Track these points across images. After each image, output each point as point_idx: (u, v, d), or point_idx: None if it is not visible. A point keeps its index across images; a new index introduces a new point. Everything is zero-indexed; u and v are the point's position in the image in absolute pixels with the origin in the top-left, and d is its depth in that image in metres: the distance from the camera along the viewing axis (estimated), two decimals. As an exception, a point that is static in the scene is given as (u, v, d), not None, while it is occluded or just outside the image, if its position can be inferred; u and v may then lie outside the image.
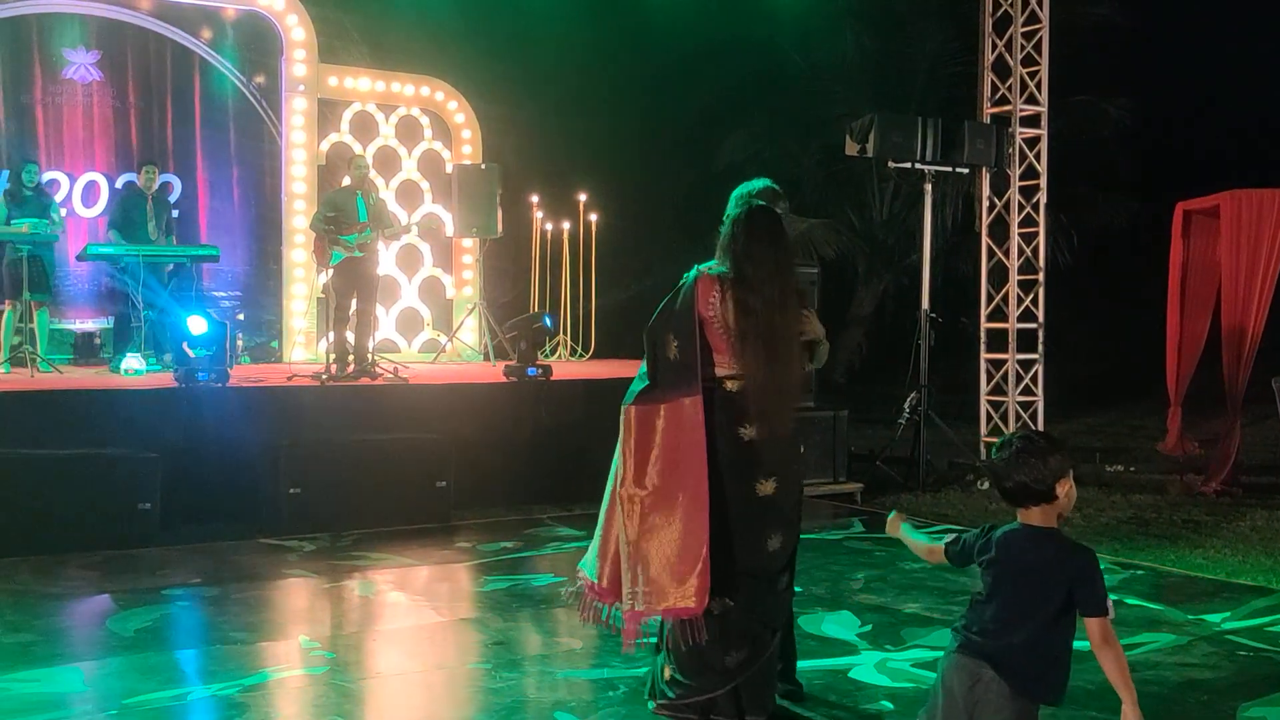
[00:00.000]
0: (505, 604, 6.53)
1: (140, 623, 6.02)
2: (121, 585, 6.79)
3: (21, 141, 11.26)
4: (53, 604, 6.40)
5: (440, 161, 13.32)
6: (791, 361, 4.45)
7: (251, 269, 12.35)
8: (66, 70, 11.40)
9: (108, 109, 11.64)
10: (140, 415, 8.56)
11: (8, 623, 5.96)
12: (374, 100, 12.96)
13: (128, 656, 5.47)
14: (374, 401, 9.48)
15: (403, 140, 13.16)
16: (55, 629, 5.91)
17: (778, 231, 4.56)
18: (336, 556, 7.63)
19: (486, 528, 8.58)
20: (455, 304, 13.38)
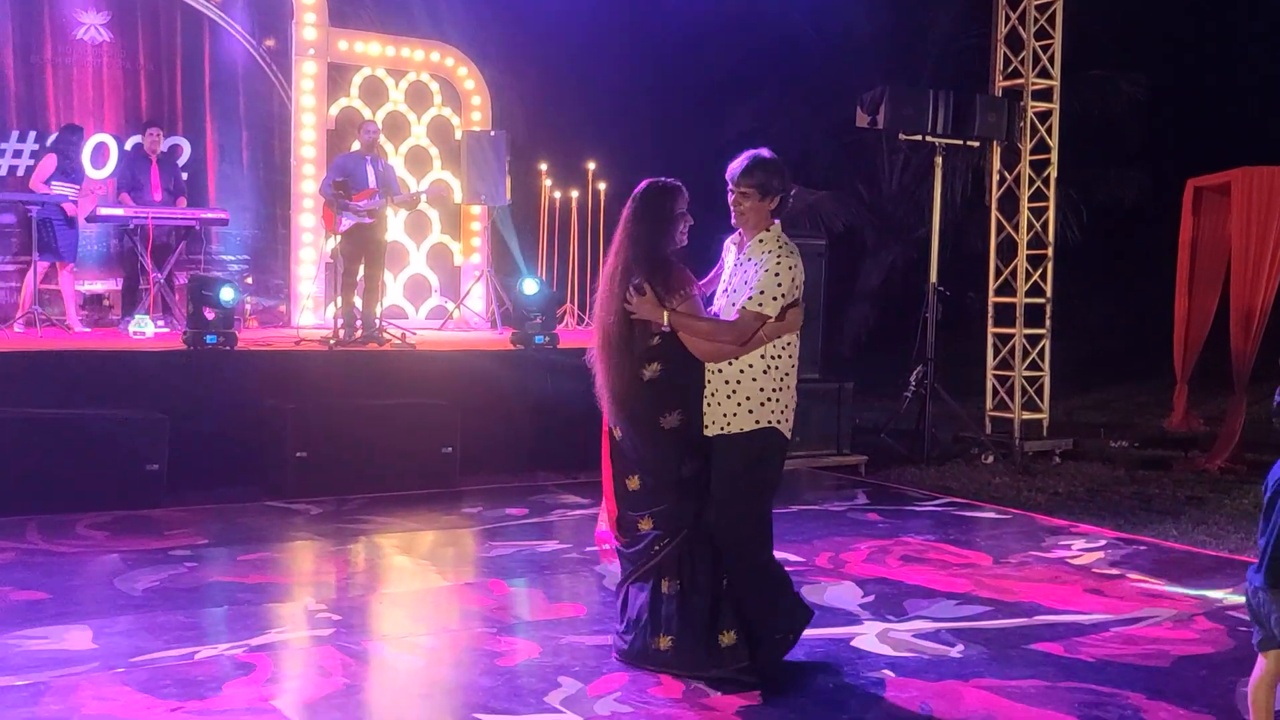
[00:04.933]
0: (510, 569, 6.58)
1: (148, 582, 6.07)
2: (129, 545, 6.84)
3: (31, 103, 11.23)
4: (62, 563, 6.44)
5: (449, 128, 13.29)
6: (608, 354, 4.78)
7: (260, 233, 12.34)
8: (76, 31, 11.35)
9: (117, 71, 11.59)
10: (148, 377, 8.60)
11: (17, 580, 6.01)
12: (384, 65, 12.91)
13: (136, 615, 5.52)
14: (381, 367, 9.51)
15: (412, 106, 13.13)
16: (64, 587, 5.95)
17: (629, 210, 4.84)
18: (343, 520, 7.68)
19: (492, 494, 8.62)
20: (463, 271, 13.38)
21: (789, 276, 4.66)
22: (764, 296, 4.64)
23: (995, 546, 7.39)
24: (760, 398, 4.69)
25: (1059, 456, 10.94)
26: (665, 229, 4.77)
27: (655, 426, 4.75)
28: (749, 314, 4.64)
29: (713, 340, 4.69)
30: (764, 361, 4.70)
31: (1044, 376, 11.53)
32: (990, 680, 4.88)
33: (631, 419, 4.79)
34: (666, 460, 4.77)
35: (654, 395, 4.75)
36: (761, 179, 4.74)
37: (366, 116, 12.36)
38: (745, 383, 4.70)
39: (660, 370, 4.75)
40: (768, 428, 4.71)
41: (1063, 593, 6.27)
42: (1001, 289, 11.61)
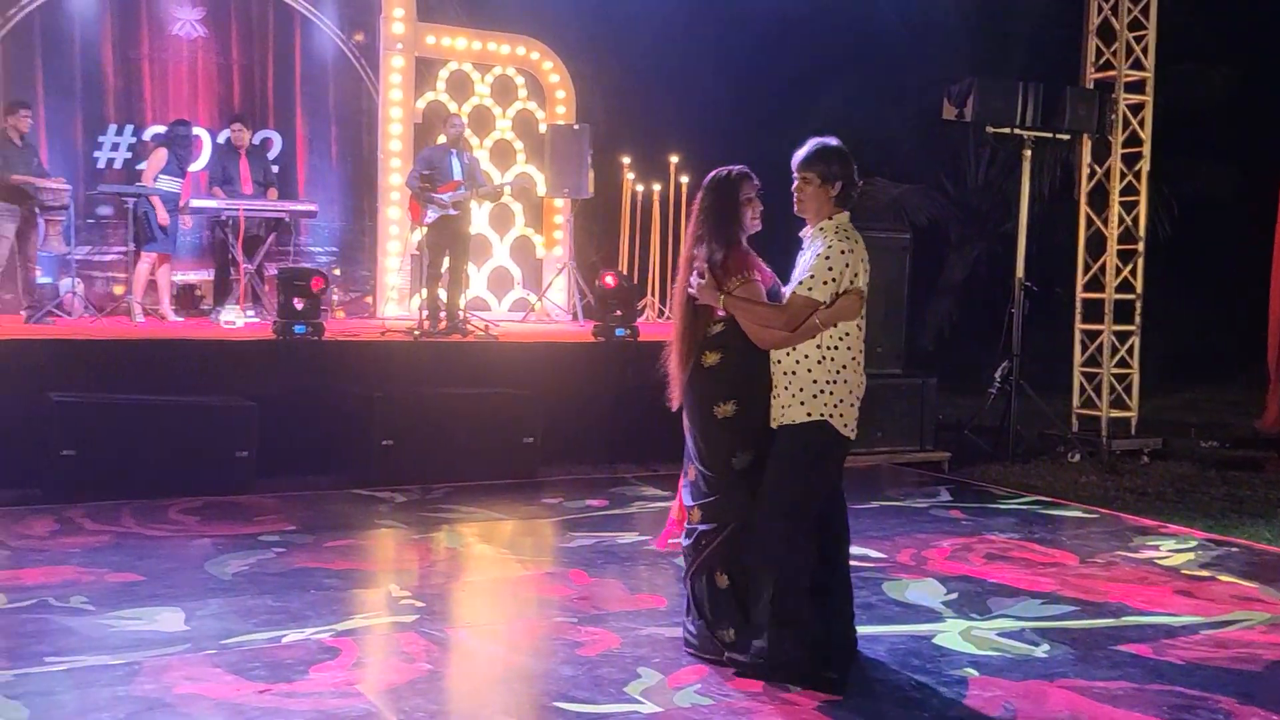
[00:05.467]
0: (590, 560, 6.61)
1: (237, 567, 6.21)
2: (220, 530, 7.00)
3: (129, 98, 11.53)
4: (155, 546, 6.61)
5: (534, 121, 13.38)
6: (674, 339, 4.85)
7: (348, 225, 12.54)
8: (173, 27, 11.63)
9: (211, 65, 11.86)
10: (239, 366, 8.79)
11: (113, 563, 6.18)
12: (470, 59, 13.03)
13: (225, 598, 5.65)
14: (464, 357, 9.61)
15: (498, 100, 13.23)
16: (157, 570, 6.10)
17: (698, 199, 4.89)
18: (426, 508, 7.79)
19: (572, 484, 8.68)
20: (545, 263, 13.47)
21: (842, 262, 4.60)
22: (814, 281, 4.60)
23: (1081, 546, 7.28)
24: (813, 389, 4.62)
25: (1147, 456, 10.73)
26: (730, 214, 4.76)
27: (709, 416, 4.74)
28: (798, 299, 4.61)
29: (764, 325, 4.66)
30: (819, 352, 4.63)
31: (1133, 374, 11.32)
32: (1076, 681, 4.81)
33: (689, 406, 4.82)
34: (718, 451, 4.76)
35: (711, 383, 4.75)
36: (821, 166, 4.70)
37: (452, 110, 12.51)
38: (800, 373, 4.64)
39: (720, 359, 4.75)
40: (820, 421, 4.63)
41: (1151, 594, 6.16)
42: (1090, 284, 11.41)
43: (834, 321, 4.62)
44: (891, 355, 10.01)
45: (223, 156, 11.19)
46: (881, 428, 9.76)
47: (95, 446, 7.65)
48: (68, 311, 10.26)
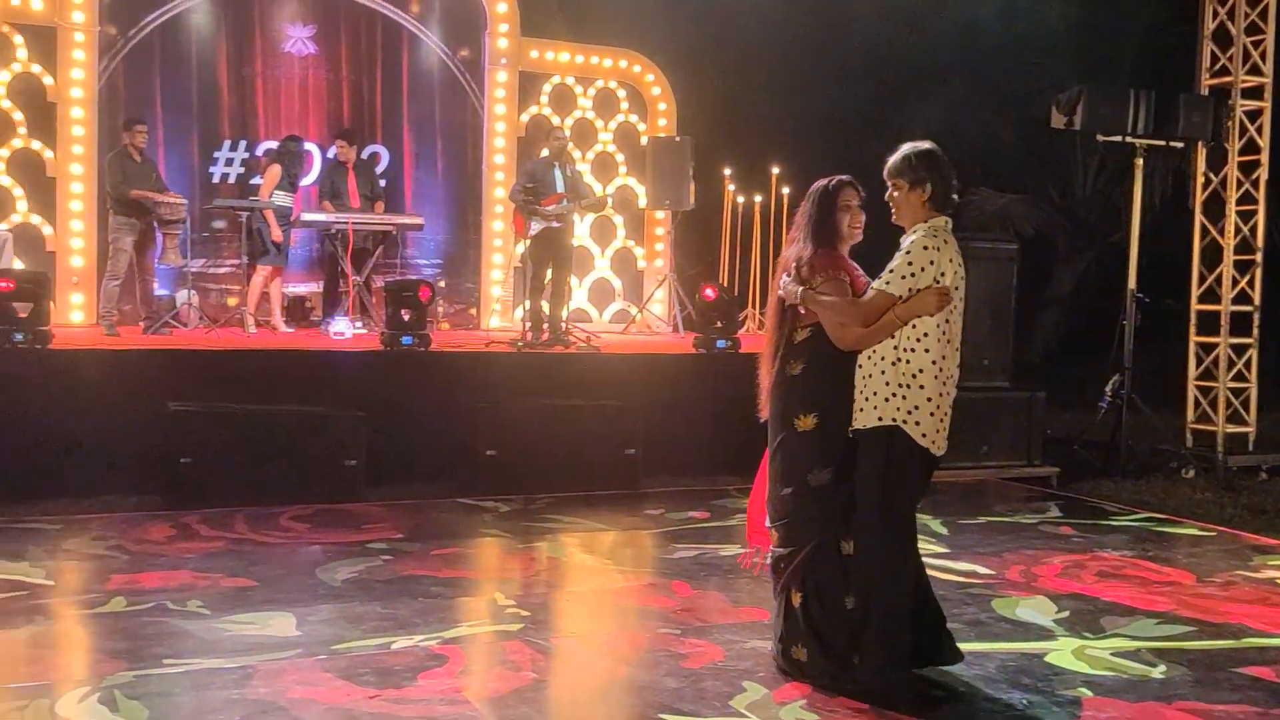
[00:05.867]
0: (693, 572, 6.61)
1: (347, 573, 6.32)
2: (330, 537, 7.14)
3: (242, 113, 11.85)
4: (267, 553, 6.76)
5: (635, 134, 13.45)
6: (764, 346, 4.88)
7: (452, 238, 12.72)
8: (285, 44, 11.93)
9: (321, 81, 12.14)
10: (348, 376, 8.96)
11: (227, 569, 6.33)
12: (573, 73, 13.14)
13: (336, 605, 5.75)
14: (567, 369, 9.68)
15: (600, 113, 13.33)
16: (270, 576, 6.24)
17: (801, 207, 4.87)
18: (530, 518, 7.85)
19: (674, 496, 8.68)
20: (646, 275, 13.51)
21: (925, 258, 4.50)
22: (892, 275, 4.52)
23: (1198, 564, 7.07)
24: (886, 392, 4.51)
25: (1266, 472, 10.39)
26: (826, 220, 4.72)
27: (790, 427, 4.69)
28: (874, 292, 4.54)
29: (840, 319, 4.58)
30: (895, 353, 4.52)
31: (1250, 388, 10.98)
32: (1195, 704, 4.67)
33: (772, 416, 4.77)
34: (794, 466, 4.70)
35: (794, 393, 4.69)
36: (907, 171, 4.63)
37: (555, 123, 12.63)
38: (874, 375, 4.54)
39: (804, 367, 4.69)
40: (891, 426, 4.50)
41: (1273, 615, 5.96)
42: (1205, 296, 11.10)
43: (910, 317, 4.48)
44: (998, 368, 9.85)
45: (331, 171, 11.43)
46: (988, 442, 9.61)
47: (211, 454, 7.86)
48: (184, 323, 10.57)
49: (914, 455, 4.53)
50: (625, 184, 13.39)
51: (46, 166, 11.05)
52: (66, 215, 11.03)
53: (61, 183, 11.03)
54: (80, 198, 11.02)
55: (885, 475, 4.53)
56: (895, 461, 4.53)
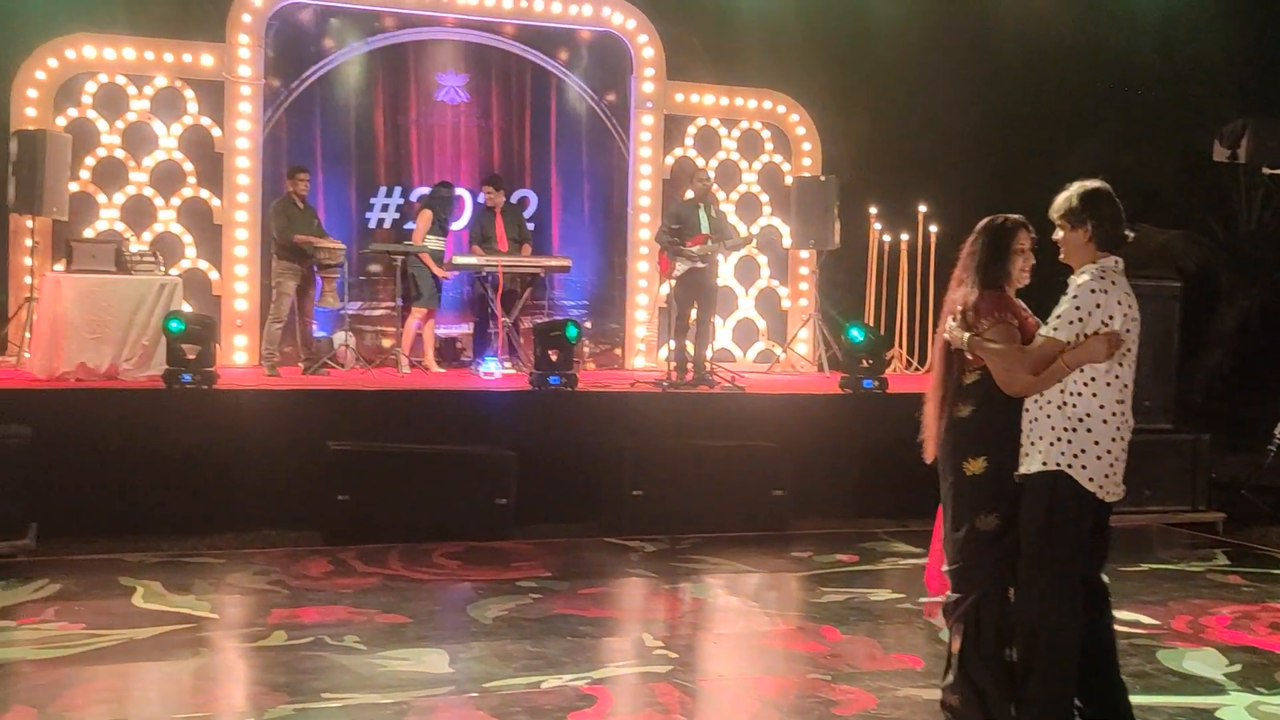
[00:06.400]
0: (842, 616, 6.51)
1: (497, 611, 6.40)
2: (480, 575, 7.25)
3: (398, 160, 12.23)
4: (420, 589, 6.89)
5: (780, 174, 13.45)
6: (931, 389, 4.74)
7: (598, 279, 12.87)
8: (438, 93, 12.29)
9: (473, 128, 12.46)
10: (498, 416, 9.11)
11: (382, 604, 6.48)
12: (718, 115, 13.23)
13: (487, 642, 5.83)
14: (712, 409, 9.67)
15: (744, 153, 13.37)
16: (423, 613, 6.36)
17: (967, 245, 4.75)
18: (676, 559, 7.85)
19: (822, 538, 8.58)
20: (790, 315, 13.46)
21: (1091, 302, 4.36)
22: (1059, 321, 4.38)
23: (1380, 618, 6.69)
24: (1051, 436, 4.37)
25: None
26: (997, 262, 4.61)
27: (959, 472, 4.58)
28: (1042, 339, 4.41)
29: (1008, 366, 4.45)
30: (1061, 396, 4.38)
31: None
32: (1381, 768, 4.41)
33: (941, 461, 4.67)
34: (964, 510, 4.58)
35: (963, 437, 4.58)
36: (1068, 211, 4.51)
37: (700, 165, 12.71)
38: (1040, 419, 4.41)
39: (973, 411, 4.57)
40: (1055, 471, 4.35)
41: None
42: (1383, 334, 10.55)
43: (1079, 364, 4.35)
44: (1160, 409, 9.49)
45: (480, 216, 11.70)
46: (1150, 486, 9.26)
47: (367, 492, 8.06)
48: (341, 363, 10.91)
49: (1080, 502, 4.38)
50: (770, 224, 13.39)
51: (213, 214, 11.57)
52: (231, 261, 11.51)
53: (227, 230, 11.53)
54: (245, 244, 11.50)
55: (1048, 523, 4.38)
56: (1059, 509, 4.38)
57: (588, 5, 12.50)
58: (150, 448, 8.12)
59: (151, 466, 8.05)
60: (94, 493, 7.91)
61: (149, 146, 11.46)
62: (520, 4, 12.25)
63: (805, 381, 11.59)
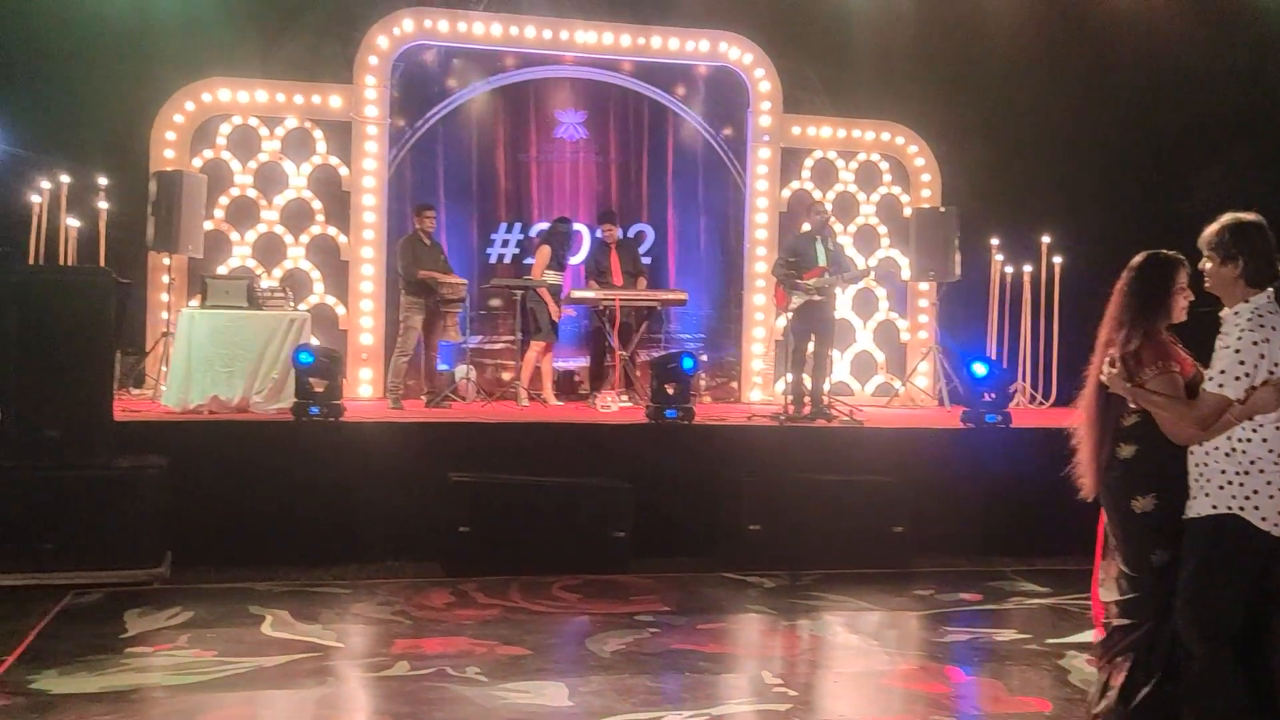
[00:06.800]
0: (965, 656, 6.39)
1: (616, 645, 6.41)
2: (598, 608, 7.27)
3: (518, 197, 12.44)
4: (540, 622, 6.94)
5: (898, 205, 13.34)
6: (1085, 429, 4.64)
7: (714, 312, 12.89)
8: (557, 130, 12.49)
9: (591, 164, 12.62)
10: (615, 449, 9.16)
11: (502, 636, 6.54)
12: (835, 147, 13.19)
13: (605, 676, 5.84)
14: (830, 443, 9.59)
15: (862, 185, 13.30)
16: (542, 645, 6.40)
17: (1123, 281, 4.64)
18: (795, 594, 7.77)
19: (943, 576, 8.43)
20: (909, 348, 13.30)
21: (1255, 354, 4.21)
22: (1224, 377, 4.24)
23: None
24: (1220, 480, 4.25)
25: None
26: (1156, 302, 4.49)
27: (1127, 511, 4.47)
28: (1209, 397, 4.25)
29: (1175, 419, 4.34)
30: (1228, 444, 4.25)
31: None
32: None
33: (1105, 500, 4.57)
34: (1136, 548, 4.47)
35: (1128, 477, 4.48)
36: (1218, 244, 4.37)
37: (817, 197, 12.68)
38: (1209, 465, 4.29)
39: (1136, 450, 4.46)
40: (1226, 514, 4.22)
41: None
42: None
43: (1250, 416, 4.23)
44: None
45: (596, 250, 11.84)
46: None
47: (487, 524, 8.16)
48: (462, 396, 11.10)
49: (1249, 544, 4.25)
50: (888, 256, 13.28)
51: (340, 250, 11.89)
52: (357, 296, 11.81)
53: (353, 266, 11.84)
54: (370, 279, 11.79)
55: (1209, 568, 4.27)
56: (1223, 554, 4.28)
57: (705, 41, 12.59)
58: (279, 479, 8.36)
59: (280, 497, 8.28)
60: (225, 522, 8.14)
61: (279, 186, 11.85)
62: (638, 41, 12.40)
63: (925, 416, 11.43)
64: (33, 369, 7.47)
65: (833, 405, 10.35)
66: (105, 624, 6.61)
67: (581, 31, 12.27)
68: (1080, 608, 7.10)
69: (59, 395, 7.51)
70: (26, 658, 5.96)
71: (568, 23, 12.25)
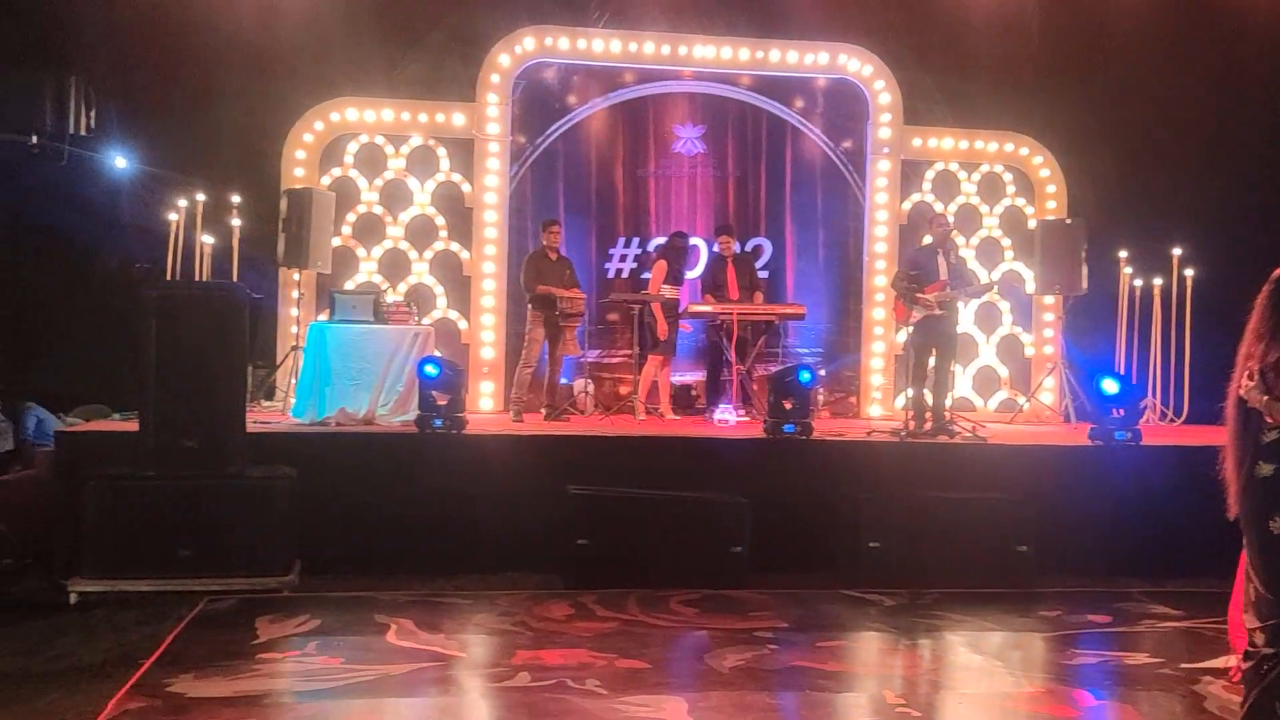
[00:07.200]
0: (1095, 680, 6.23)
1: (734, 661, 6.39)
2: (716, 623, 7.25)
3: (636, 211, 12.53)
4: (658, 635, 6.95)
5: (1022, 218, 13.09)
6: (1227, 443, 4.45)
7: (832, 326, 12.79)
8: (675, 144, 12.55)
9: (709, 178, 12.65)
10: (732, 463, 9.14)
11: (621, 649, 6.56)
12: (956, 159, 13.00)
13: (724, 692, 5.82)
14: (952, 460, 9.43)
15: (984, 197, 13.09)
16: (661, 659, 6.42)
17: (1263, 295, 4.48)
18: (916, 613, 7.65)
19: (1070, 597, 8.22)
20: (1034, 363, 13.03)
21: None
22: None
23: None
24: None
25: None
26: None
27: (1265, 532, 4.31)
28: None
29: None
30: None
31: None
32: None
33: (1244, 520, 4.42)
34: (1274, 570, 4.32)
35: (1266, 496, 4.32)
36: None
37: (938, 210, 12.51)
38: None
39: (1275, 470, 4.31)
40: None
41: None
42: None
43: None
44: None
45: (712, 264, 11.84)
46: None
47: (605, 537, 8.21)
48: (580, 410, 11.19)
49: None
50: (1011, 269, 13.04)
51: (463, 266, 12.10)
52: (479, 310, 11.99)
53: (475, 281, 12.03)
54: (492, 294, 11.97)
55: None
56: None
57: (824, 53, 12.53)
58: (403, 490, 8.53)
59: (404, 508, 8.45)
60: (351, 532, 8.34)
61: (404, 202, 12.11)
62: (757, 54, 12.39)
63: (1051, 432, 11.18)
64: (171, 381, 7.73)
65: (955, 421, 10.18)
66: (237, 630, 6.81)
67: (700, 46, 12.31)
68: (1216, 632, 6.86)
69: (196, 407, 7.75)
70: (164, 661, 6.17)
71: (686, 38, 12.30)
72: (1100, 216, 12.41)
